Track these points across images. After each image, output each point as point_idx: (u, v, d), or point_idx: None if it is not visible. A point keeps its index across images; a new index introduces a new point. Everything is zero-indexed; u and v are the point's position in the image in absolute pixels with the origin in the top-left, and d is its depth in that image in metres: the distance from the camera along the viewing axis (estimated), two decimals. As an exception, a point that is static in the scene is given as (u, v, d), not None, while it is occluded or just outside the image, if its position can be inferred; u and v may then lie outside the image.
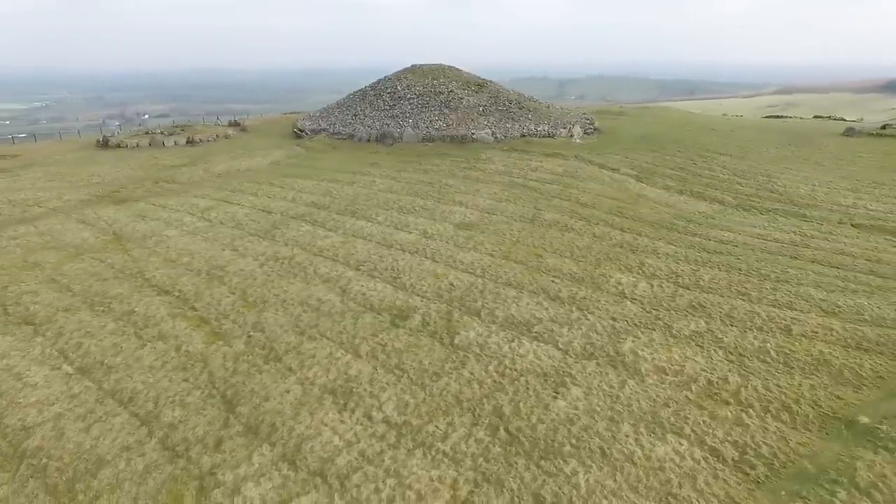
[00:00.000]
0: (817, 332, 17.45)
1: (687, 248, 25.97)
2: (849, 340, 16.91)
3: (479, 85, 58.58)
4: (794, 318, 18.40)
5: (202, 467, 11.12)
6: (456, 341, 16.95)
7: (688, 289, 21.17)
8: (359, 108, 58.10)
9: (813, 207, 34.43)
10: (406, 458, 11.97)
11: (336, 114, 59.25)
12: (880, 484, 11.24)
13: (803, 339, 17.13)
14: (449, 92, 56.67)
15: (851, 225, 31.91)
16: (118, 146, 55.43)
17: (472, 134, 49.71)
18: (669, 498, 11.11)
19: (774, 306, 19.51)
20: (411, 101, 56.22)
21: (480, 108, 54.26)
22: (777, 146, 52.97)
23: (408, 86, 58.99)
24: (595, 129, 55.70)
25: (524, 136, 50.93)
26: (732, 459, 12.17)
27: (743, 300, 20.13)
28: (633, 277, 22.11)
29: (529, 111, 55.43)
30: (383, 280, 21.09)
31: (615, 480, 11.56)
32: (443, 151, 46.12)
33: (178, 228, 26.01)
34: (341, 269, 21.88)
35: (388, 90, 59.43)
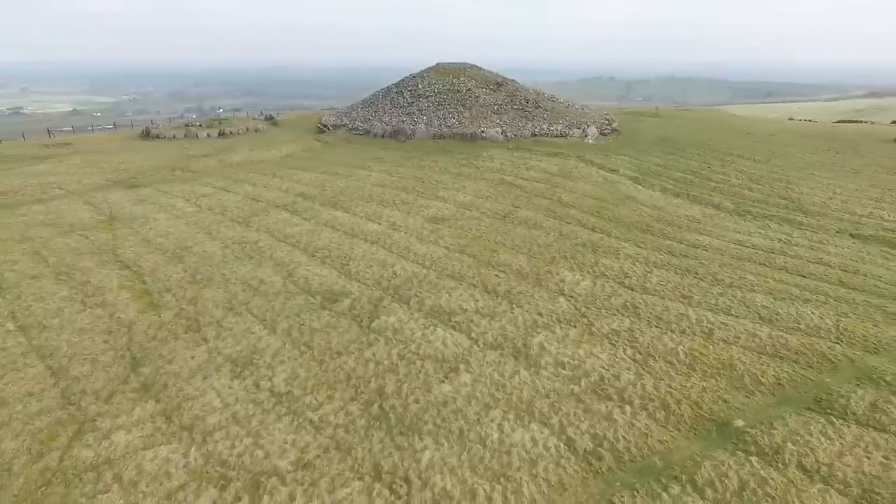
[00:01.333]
0: (739, 338, 17.00)
1: (653, 250, 25.53)
2: (767, 348, 16.40)
3: (498, 83, 58.76)
4: (723, 323, 17.96)
5: (87, 414, 12.53)
6: (373, 325, 17.76)
7: (630, 289, 20.97)
8: (380, 105, 59.70)
9: (821, 216, 32.76)
10: (273, 422, 12.94)
11: (359, 110, 61.15)
12: (717, 483, 11.15)
13: (721, 343, 16.76)
14: (467, 90, 57.24)
15: (850, 235, 30.20)
16: (157, 137, 59.78)
17: (483, 132, 50.11)
18: (502, 479, 11.49)
19: (710, 310, 19.07)
20: (430, 98, 57.22)
21: (495, 107, 54.51)
22: (814, 152, 50.34)
23: (429, 84, 60.02)
24: (613, 130, 54.69)
25: (535, 135, 50.78)
26: (584, 450, 12.35)
27: (681, 303, 19.76)
28: (580, 276, 22.09)
29: (546, 111, 55.12)
30: (332, 266, 22.18)
31: (459, 459, 12.04)
32: (448, 149, 46.82)
33: (167, 212, 28.21)
34: (297, 254, 23.17)
35: (410, 88, 60.71)
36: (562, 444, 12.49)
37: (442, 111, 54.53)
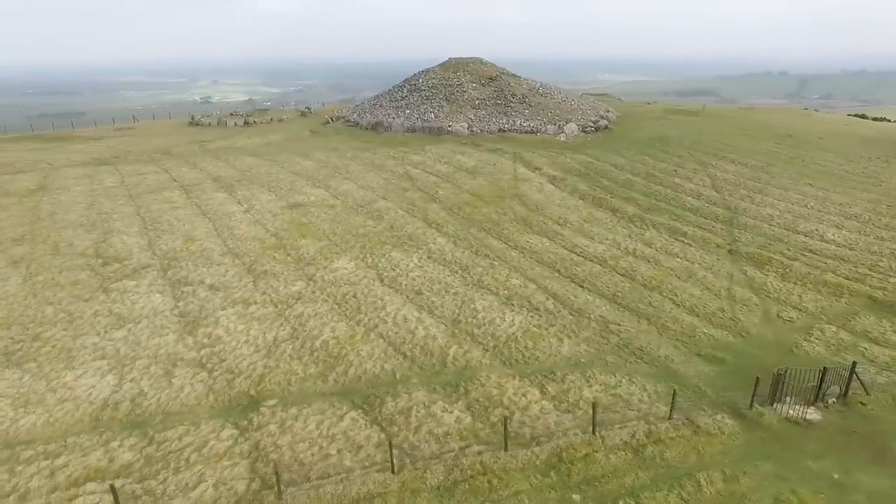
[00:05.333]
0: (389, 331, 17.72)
1: (463, 248, 25.84)
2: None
3: (491, 78, 58.61)
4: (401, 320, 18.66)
5: None
6: (112, 285, 21.30)
7: (380, 280, 22.11)
8: (382, 99, 62.80)
9: (742, 228, 29.97)
10: None
11: (365, 103, 64.88)
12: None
13: (372, 334, 17.67)
14: (458, 85, 58.06)
15: (728, 251, 27.31)
16: (198, 124, 69.03)
17: (449, 127, 50.96)
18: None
19: (417, 309, 19.73)
20: (422, 93, 59.03)
21: (476, 102, 54.80)
22: (851, 160, 44.37)
23: (428, 79, 61.74)
24: (599, 128, 52.16)
25: (503, 130, 50.40)
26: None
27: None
28: (353, 263, 23.70)
29: (530, 106, 54.13)
30: (146, 235, 26.09)
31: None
32: (405, 141, 48.65)
33: (86, 186, 34.34)
34: (134, 224, 27.48)
35: (411, 83, 62.94)
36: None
37: (425, 105, 56.17)
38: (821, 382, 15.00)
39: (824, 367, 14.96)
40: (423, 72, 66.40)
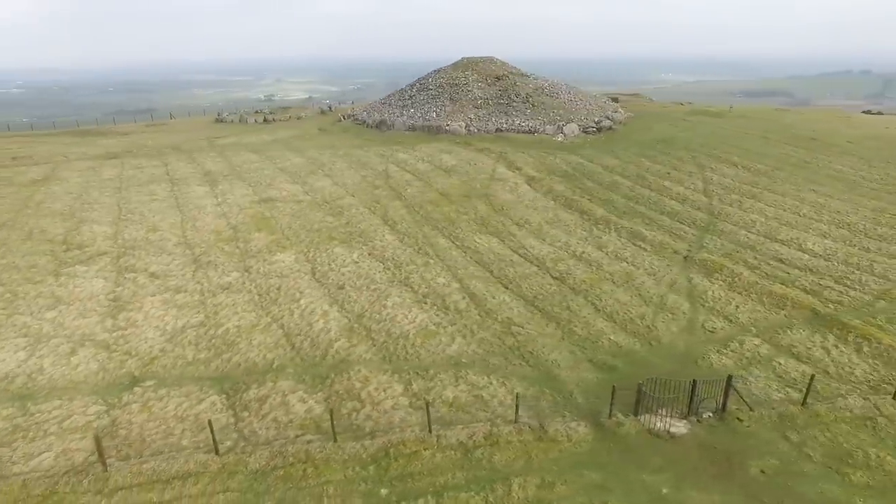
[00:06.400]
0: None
1: (408, 245, 26.16)
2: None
3: (497, 78, 58.20)
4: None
5: None
6: (63, 270, 22.96)
7: (306, 273, 22.81)
8: (392, 98, 63.68)
9: (718, 234, 28.99)
10: None
11: (376, 102, 65.95)
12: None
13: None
14: (463, 84, 58.07)
15: (684, 258, 26.30)
16: (222, 121, 72.30)
17: (447, 126, 51.10)
18: None
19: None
20: (429, 91, 59.44)
21: (479, 101, 54.65)
22: (874, 166, 41.59)
23: (438, 77, 62.05)
24: (601, 129, 50.93)
25: (500, 130, 50.06)
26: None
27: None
28: (291, 256, 24.55)
29: (533, 106, 53.48)
30: (115, 223, 27.86)
31: None
32: (401, 140, 49.22)
33: (85, 177, 36.79)
34: (105, 215, 29.39)
35: (421, 82, 63.46)
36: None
37: (430, 104, 56.55)
38: (692, 395, 14.40)
39: (694, 380, 14.34)
40: (435, 71, 66.79)
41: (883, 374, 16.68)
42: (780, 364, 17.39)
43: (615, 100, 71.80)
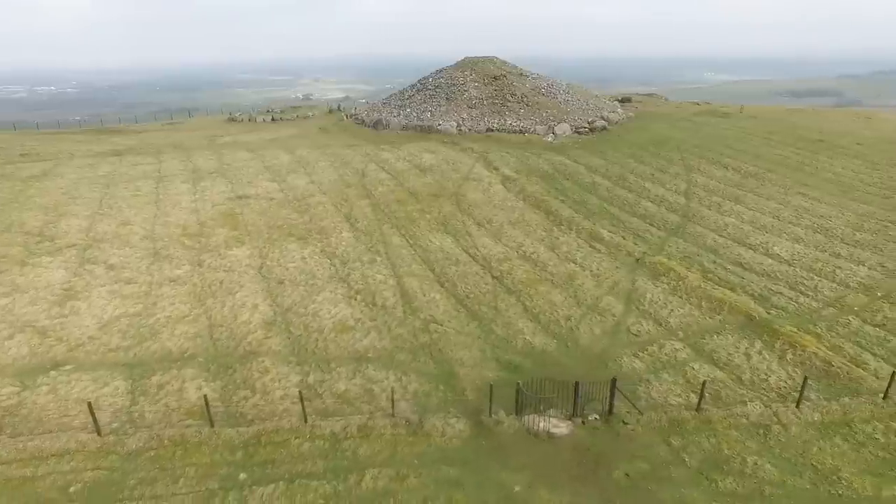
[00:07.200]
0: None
1: (360, 243, 26.63)
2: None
3: (494, 77, 58.07)
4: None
5: None
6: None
7: (255, 267, 23.59)
8: (393, 98, 64.34)
9: (684, 237, 28.79)
10: None
11: (377, 102, 66.75)
12: None
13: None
14: (461, 84, 58.19)
15: (636, 259, 26.00)
16: (234, 120, 74.49)
17: (439, 125, 51.37)
18: None
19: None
20: (428, 91, 59.81)
21: (474, 101, 54.69)
22: (876, 168, 40.21)
23: (437, 78, 62.39)
24: (593, 130, 50.36)
25: (491, 130, 50.05)
26: None
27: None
28: (247, 251, 25.36)
29: (527, 106, 53.25)
30: (97, 216, 29.27)
31: None
32: (392, 139, 49.77)
33: (79, 174, 38.65)
34: (80, 209, 30.90)
35: (422, 82, 63.88)
36: None
37: (427, 104, 56.95)
38: (575, 397, 14.38)
39: (577, 382, 14.32)
40: (437, 71, 67.14)
41: (797, 383, 16.23)
42: (692, 369, 17.13)
43: (628, 99, 70.72)
